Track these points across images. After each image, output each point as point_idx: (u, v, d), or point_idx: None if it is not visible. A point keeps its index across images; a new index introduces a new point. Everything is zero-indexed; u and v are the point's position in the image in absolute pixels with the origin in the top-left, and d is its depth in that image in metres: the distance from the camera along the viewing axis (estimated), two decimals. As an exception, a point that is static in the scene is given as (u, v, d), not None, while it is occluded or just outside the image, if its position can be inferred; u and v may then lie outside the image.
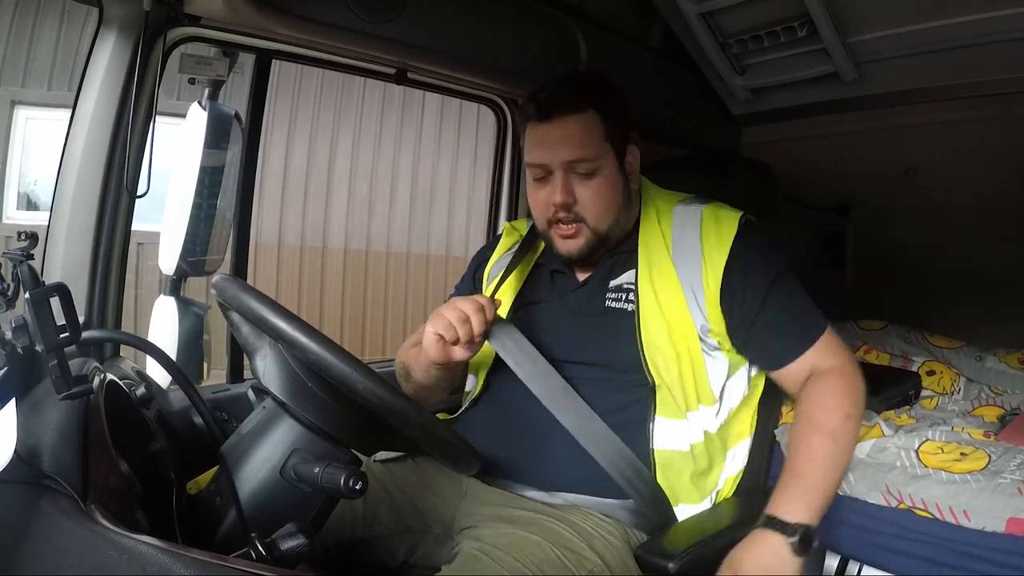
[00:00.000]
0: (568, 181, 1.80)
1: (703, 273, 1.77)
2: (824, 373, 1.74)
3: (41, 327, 1.14)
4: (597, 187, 1.80)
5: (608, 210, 1.82)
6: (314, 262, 8.86)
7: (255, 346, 1.36)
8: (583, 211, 1.80)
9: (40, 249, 1.64)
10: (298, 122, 8.58)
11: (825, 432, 1.66)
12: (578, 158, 1.78)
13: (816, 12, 2.57)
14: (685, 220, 1.85)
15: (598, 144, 1.80)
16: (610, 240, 1.86)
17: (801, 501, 1.61)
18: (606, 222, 1.83)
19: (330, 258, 8.94)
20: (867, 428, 2.29)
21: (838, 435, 1.66)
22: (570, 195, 1.79)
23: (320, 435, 1.27)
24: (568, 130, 1.79)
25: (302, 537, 1.09)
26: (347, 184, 8.95)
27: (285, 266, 8.64)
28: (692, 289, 1.77)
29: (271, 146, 8.24)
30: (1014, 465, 2.03)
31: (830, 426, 1.66)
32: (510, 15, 2.58)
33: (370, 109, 8.89)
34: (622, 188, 1.85)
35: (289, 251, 8.68)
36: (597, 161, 1.79)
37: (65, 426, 1.16)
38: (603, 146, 1.81)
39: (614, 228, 1.85)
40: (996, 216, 3.19)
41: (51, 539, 0.97)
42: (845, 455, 1.69)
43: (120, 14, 1.89)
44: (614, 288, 1.87)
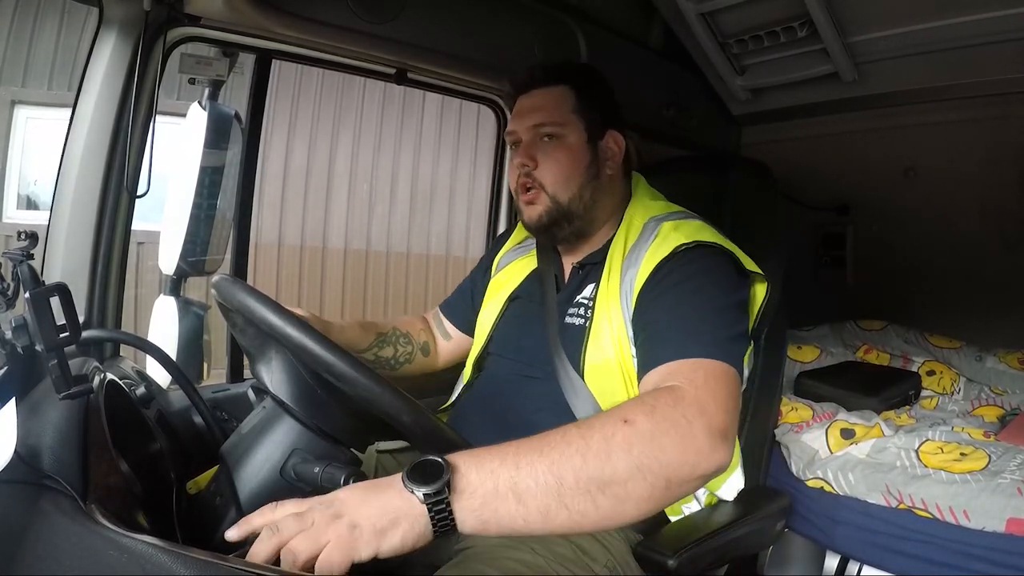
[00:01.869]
0: (531, 146, 1.86)
1: (635, 289, 1.71)
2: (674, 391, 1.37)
3: (41, 327, 1.14)
4: (556, 153, 1.83)
5: (568, 179, 1.83)
6: (314, 262, 8.85)
7: (255, 346, 1.36)
8: (542, 176, 1.83)
9: (40, 249, 1.64)
10: (298, 122, 8.58)
11: (619, 419, 1.26)
12: (541, 122, 1.84)
13: (816, 12, 2.57)
14: (644, 235, 1.79)
15: (564, 113, 1.85)
16: (573, 216, 1.85)
17: (493, 477, 1.14)
18: (566, 192, 1.83)
19: (330, 258, 8.92)
20: (867, 428, 2.29)
21: (629, 439, 1.22)
22: (531, 159, 1.84)
23: (320, 435, 1.27)
24: (539, 100, 1.88)
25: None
26: (347, 184, 8.94)
27: (285, 265, 8.63)
28: (628, 304, 1.72)
29: (271, 146, 8.25)
30: (1014, 465, 2.03)
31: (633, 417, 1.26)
32: (510, 15, 2.59)
33: (370, 109, 8.88)
34: (587, 162, 1.85)
35: (289, 251, 8.67)
36: (560, 128, 1.84)
37: (65, 426, 1.16)
38: (570, 116, 1.85)
39: (576, 202, 1.84)
40: (996, 216, 3.20)
41: (51, 539, 0.97)
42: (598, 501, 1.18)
43: (120, 14, 1.89)
44: (575, 303, 1.85)
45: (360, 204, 9.03)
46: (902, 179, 3.35)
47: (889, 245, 3.59)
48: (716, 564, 1.70)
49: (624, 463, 1.19)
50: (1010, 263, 3.18)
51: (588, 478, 1.16)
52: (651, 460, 1.20)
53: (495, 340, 1.99)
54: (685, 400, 1.33)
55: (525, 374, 1.85)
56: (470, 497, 1.11)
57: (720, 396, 1.38)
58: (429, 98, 8.57)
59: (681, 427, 1.26)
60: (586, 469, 1.16)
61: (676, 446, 1.24)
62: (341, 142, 8.86)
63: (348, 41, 2.22)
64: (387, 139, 9.00)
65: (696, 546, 1.58)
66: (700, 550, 1.58)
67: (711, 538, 1.63)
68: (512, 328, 1.95)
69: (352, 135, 8.88)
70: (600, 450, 1.18)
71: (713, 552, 1.62)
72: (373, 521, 1.05)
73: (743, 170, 2.24)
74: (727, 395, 1.40)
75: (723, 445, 1.29)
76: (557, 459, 1.16)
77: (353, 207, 9.01)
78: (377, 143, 8.99)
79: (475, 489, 1.11)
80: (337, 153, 8.88)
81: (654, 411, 1.27)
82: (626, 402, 1.35)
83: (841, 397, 2.59)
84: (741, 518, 1.71)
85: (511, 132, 1.91)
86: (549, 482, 1.14)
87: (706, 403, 1.34)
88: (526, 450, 1.17)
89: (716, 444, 1.28)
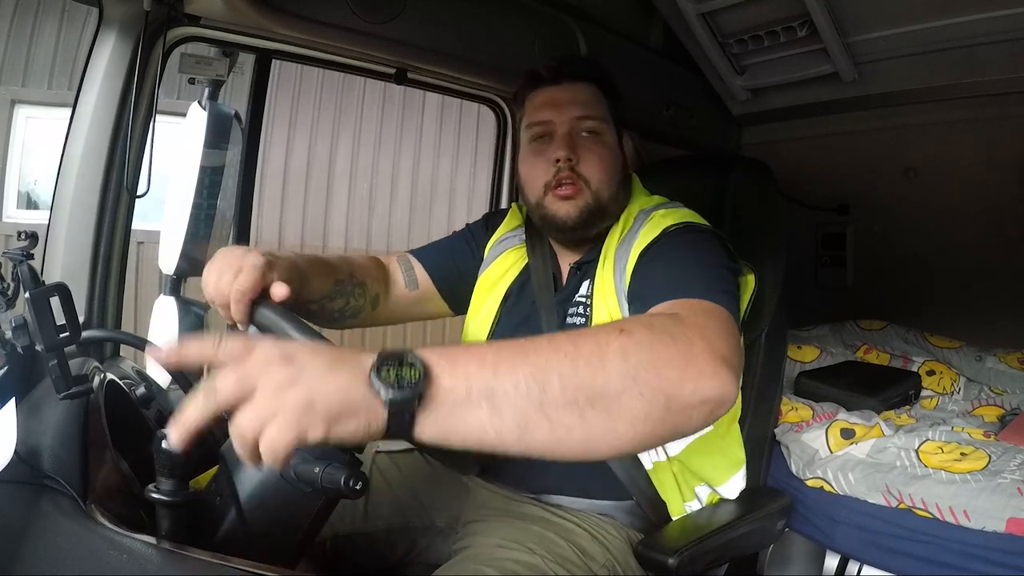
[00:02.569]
0: (572, 140, 1.78)
1: (628, 268, 1.68)
2: (671, 315, 1.28)
3: (41, 327, 1.15)
4: (600, 150, 1.79)
5: (610, 177, 1.79)
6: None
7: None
8: (586, 170, 1.76)
9: (40, 249, 1.64)
10: (298, 121, 8.58)
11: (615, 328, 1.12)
12: (586, 115, 1.79)
13: (816, 12, 2.56)
14: (635, 225, 1.78)
15: (602, 111, 1.82)
16: (607, 214, 1.80)
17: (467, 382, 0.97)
18: (607, 189, 1.78)
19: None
20: (867, 428, 2.29)
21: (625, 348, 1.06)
22: (575, 152, 1.76)
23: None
24: (576, 92, 1.81)
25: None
26: (347, 183, 8.95)
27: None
28: (622, 288, 1.69)
29: (272, 145, 8.25)
30: (1014, 465, 2.03)
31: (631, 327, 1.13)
32: (510, 15, 2.59)
33: (370, 108, 8.87)
34: (621, 162, 1.84)
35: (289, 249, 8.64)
36: (601, 123, 1.80)
37: (65, 426, 1.16)
38: (606, 114, 1.82)
39: (613, 201, 1.80)
40: (996, 216, 3.20)
41: (51, 539, 0.97)
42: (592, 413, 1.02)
43: (120, 14, 1.90)
44: (574, 303, 1.82)
45: (360, 203, 9.03)
46: (902, 179, 3.35)
47: (889, 245, 3.59)
48: (716, 563, 1.70)
49: (619, 372, 1.03)
50: (1009, 263, 3.19)
51: (577, 386, 1.00)
52: (649, 372, 1.05)
53: (496, 339, 1.93)
54: (685, 322, 1.21)
55: None
56: (438, 406, 0.94)
57: (720, 328, 1.28)
58: (429, 97, 8.57)
59: (681, 342, 1.13)
60: (575, 376, 1.00)
61: (676, 359, 1.10)
62: (341, 141, 8.86)
63: (348, 41, 2.22)
64: (387, 138, 9.00)
65: (696, 545, 1.58)
66: (700, 549, 1.58)
67: (711, 537, 1.63)
68: (513, 324, 1.90)
69: (352, 134, 8.88)
70: (593, 356, 1.03)
71: (713, 551, 1.62)
72: (330, 405, 0.89)
73: (743, 170, 2.24)
74: (728, 331, 1.30)
75: (727, 371, 1.13)
76: (543, 364, 1.00)
77: (353, 206, 9.01)
78: (377, 142, 8.98)
79: (445, 396, 0.95)
80: (337, 152, 8.87)
81: (653, 325, 1.16)
82: (629, 318, 1.31)
83: (841, 397, 2.59)
84: (741, 517, 1.71)
85: (544, 122, 1.81)
86: (531, 389, 0.98)
87: (706, 327, 1.23)
88: (508, 352, 1.01)
89: (719, 367, 1.12)
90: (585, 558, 1.56)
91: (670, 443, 1.68)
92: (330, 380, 0.91)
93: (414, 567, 1.79)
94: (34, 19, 7.27)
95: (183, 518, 1.11)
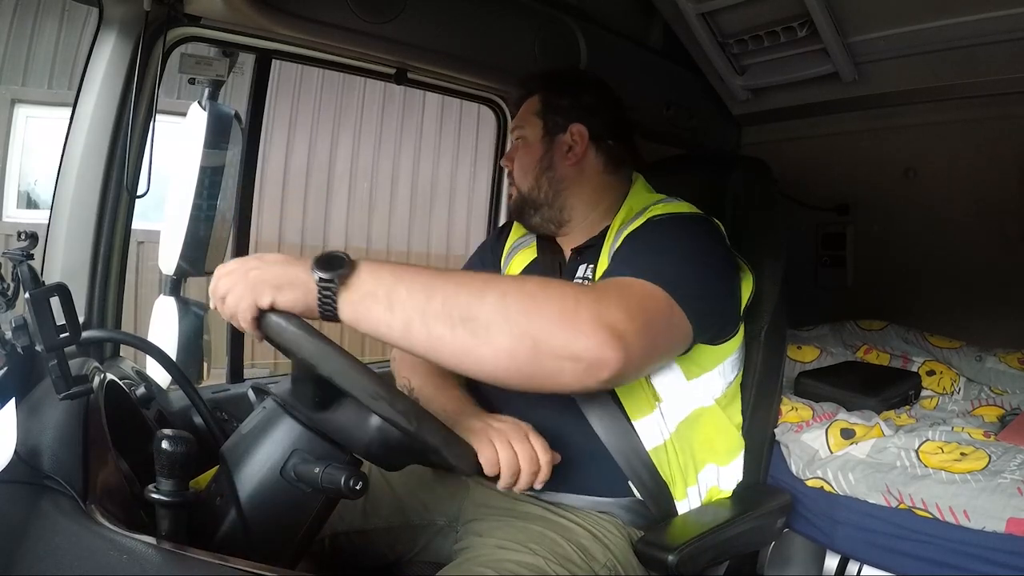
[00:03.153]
0: (511, 150, 2.08)
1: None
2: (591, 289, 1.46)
3: (41, 327, 1.15)
4: (519, 152, 2.03)
5: (526, 172, 2.00)
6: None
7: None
8: (514, 171, 2.04)
9: (40, 249, 1.64)
10: (299, 121, 8.62)
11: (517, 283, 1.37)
12: (513, 127, 2.09)
13: (816, 12, 2.57)
14: (635, 216, 1.82)
15: (527, 117, 2.03)
16: (536, 203, 1.99)
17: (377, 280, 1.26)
18: (525, 183, 2.00)
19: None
20: (867, 428, 2.29)
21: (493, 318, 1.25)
22: (509, 160, 2.07)
23: (320, 436, 1.27)
24: (522, 110, 2.07)
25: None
26: (347, 183, 9.00)
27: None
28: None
29: (272, 145, 8.29)
30: (1014, 465, 2.03)
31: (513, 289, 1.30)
32: (510, 15, 2.59)
33: (371, 108, 8.95)
34: (539, 155, 1.99)
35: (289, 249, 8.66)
36: (522, 131, 2.03)
37: (65, 426, 1.16)
38: (531, 119, 2.02)
39: (535, 191, 1.99)
40: (996, 216, 3.20)
41: (51, 539, 0.97)
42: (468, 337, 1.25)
43: (120, 14, 1.90)
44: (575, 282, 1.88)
45: (361, 202, 9.11)
46: (902, 179, 3.35)
47: (889, 245, 3.59)
48: (716, 561, 1.70)
49: (493, 306, 1.25)
50: (1010, 263, 3.18)
51: (453, 305, 1.24)
52: (522, 315, 1.25)
53: None
54: (593, 290, 1.40)
55: None
56: (353, 292, 1.24)
57: (629, 302, 1.37)
58: (430, 97, 8.60)
59: (568, 301, 1.28)
60: (456, 298, 1.25)
61: (554, 314, 1.26)
62: (342, 141, 8.93)
63: (348, 41, 2.22)
64: (387, 137, 9.09)
65: (696, 542, 1.58)
66: (700, 546, 1.58)
67: (711, 534, 1.63)
68: None
69: (352, 134, 8.95)
70: (476, 288, 1.28)
71: (713, 549, 1.62)
72: (277, 278, 1.23)
73: (743, 170, 2.24)
74: (638, 306, 1.37)
75: (607, 336, 1.26)
76: (435, 283, 1.26)
77: (354, 205, 9.08)
78: (377, 142, 9.07)
79: (359, 286, 1.24)
80: (338, 152, 8.93)
81: (548, 284, 1.33)
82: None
83: (841, 397, 2.58)
84: (741, 515, 1.71)
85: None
86: (418, 298, 1.24)
87: (609, 298, 1.34)
88: (418, 270, 1.29)
89: (598, 330, 1.25)
90: (587, 558, 1.56)
91: (668, 421, 1.73)
92: (279, 265, 1.26)
93: (414, 566, 1.79)
94: (34, 19, 7.29)
95: (183, 518, 1.11)
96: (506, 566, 1.46)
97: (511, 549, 1.51)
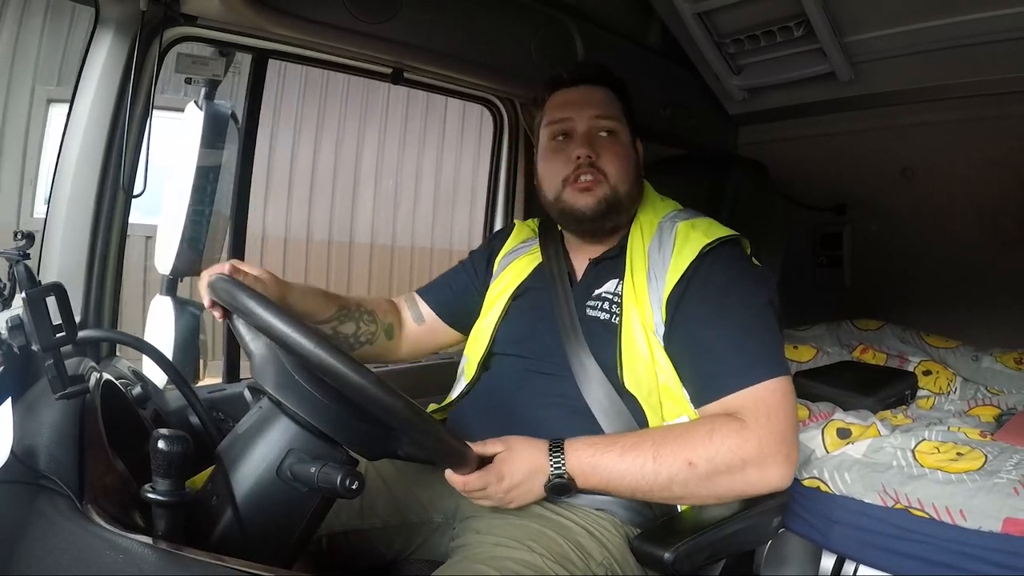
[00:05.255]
0: (591, 138, 1.90)
1: (665, 290, 1.76)
2: (737, 425, 1.59)
3: (37, 326, 1.15)
4: (616, 148, 1.91)
5: (626, 172, 1.90)
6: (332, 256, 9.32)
7: (252, 345, 1.37)
8: (605, 165, 1.87)
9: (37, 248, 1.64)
10: (325, 123, 8.86)
11: (685, 460, 1.56)
12: (603, 114, 1.92)
13: (812, 12, 2.57)
14: (663, 236, 1.86)
15: (617, 113, 1.95)
16: (623, 208, 1.91)
17: (591, 465, 1.58)
18: (625, 184, 1.89)
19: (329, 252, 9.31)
20: (863, 428, 2.29)
21: (687, 479, 1.56)
22: (594, 150, 1.87)
23: (316, 435, 1.27)
24: (593, 95, 1.95)
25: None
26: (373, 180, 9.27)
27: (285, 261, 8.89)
28: (659, 307, 1.77)
29: (299, 146, 8.72)
30: (1011, 465, 2.03)
31: (697, 461, 1.56)
32: (507, 14, 2.59)
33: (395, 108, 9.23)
34: (635, 161, 1.96)
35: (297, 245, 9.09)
36: (617, 124, 1.93)
37: (61, 426, 1.16)
38: (621, 117, 1.95)
39: (628, 196, 1.91)
40: (993, 216, 3.20)
41: (47, 539, 0.97)
42: (664, 492, 1.59)
43: (116, 13, 1.90)
44: (598, 297, 1.88)
45: (386, 200, 9.47)
46: (899, 179, 3.35)
47: (886, 245, 3.59)
48: (712, 559, 1.69)
49: (680, 493, 1.60)
50: (1007, 263, 3.19)
51: (650, 493, 1.59)
52: (704, 493, 1.60)
53: (500, 338, 1.98)
54: (748, 443, 1.56)
55: (534, 369, 1.85)
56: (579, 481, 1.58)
57: (780, 424, 1.59)
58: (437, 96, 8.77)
59: (735, 471, 1.55)
60: (651, 493, 1.59)
61: (727, 484, 1.57)
62: (367, 140, 9.31)
63: (344, 41, 2.22)
64: (389, 135, 9.23)
65: (693, 540, 1.58)
66: (697, 544, 1.58)
67: (708, 532, 1.62)
68: (519, 324, 1.96)
69: (377, 132, 9.32)
70: (664, 483, 1.56)
71: (710, 547, 1.62)
72: (533, 493, 1.57)
73: (741, 169, 2.25)
74: (786, 417, 1.60)
75: (779, 468, 1.58)
76: (635, 480, 1.56)
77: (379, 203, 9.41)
78: (402, 141, 9.42)
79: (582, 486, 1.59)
80: (364, 151, 9.21)
81: (716, 456, 1.55)
82: (695, 431, 1.59)
83: (837, 397, 2.59)
84: (737, 513, 1.71)
85: (563, 120, 1.93)
86: (625, 489, 1.59)
87: (766, 442, 1.56)
88: (624, 460, 1.57)
89: (765, 476, 1.58)
90: (584, 556, 1.56)
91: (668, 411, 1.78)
92: (528, 492, 1.57)
93: (411, 564, 1.79)
94: (70, 18, 7.32)
95: (179, 518, 1.11)
96: (504, 564, 1.46)
97: (509, 547, 1.51)
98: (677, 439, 1.57)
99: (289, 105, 8.65)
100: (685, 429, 1.61)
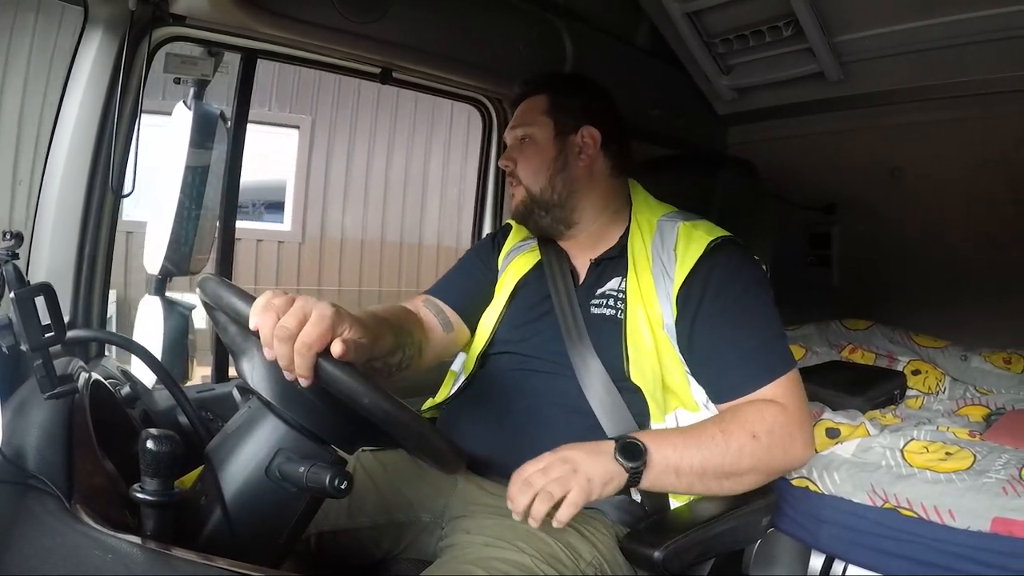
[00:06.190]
0: (513, 149, 2.05)
1: (674, 286, 1.81)
2: (779, 407, 1.71)
3: (26, 327, 1.15)
4: (527, 151, 2.01)
5: (536, 172, 1.99)
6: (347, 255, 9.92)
7: (241, 346, 1.36)
8: (520, 172, 2.01)
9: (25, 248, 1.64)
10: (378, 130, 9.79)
11: (749, 433, 1.66)
12: (522, 122, 2.04)
13: (801, 12, 2.58)
14: (664, 235, 1.89)
15: (535, 116, 2.02)
16: (548, 204, 1.99)
17: (662, 435, 1.68)
18: (536, 183, 1.98)
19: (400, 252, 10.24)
20: (852, 428, 2.30)
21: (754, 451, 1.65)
22: (511, 160, 2.03)
23: (305, 434, 1.26)
24: (520, 110, 2.08)
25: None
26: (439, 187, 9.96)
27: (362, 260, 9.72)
28: (668, 303, 1.81)
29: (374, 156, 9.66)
30: (999, 464, 2.04)
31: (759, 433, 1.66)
32: (496, 14, 2.59)
33: (459, 118, 9.84)
34: (553, 155, 1.99)
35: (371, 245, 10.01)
36: (530, 128, 2.02)
37: (50, 426, 1.16)
38: (540, 118, 2.01)
39: (547, 192, 1.98)
40: (982, 216, 3.21)
41: (36, 539, 0.97)
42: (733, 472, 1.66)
43: (105, 13, 1.89)
44: (601, 295, 1.90)
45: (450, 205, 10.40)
46: (888, 179, 3.36)
47: (875, 244, 3.60)
48: (702, 558, 1.70)
49: (747, 466, 1.65)
50: (995, 263, 3.20)
51: (722, 471, 1.64)
52: (764, 464, 1.68)
53: (499, 336, 1.99)
54: (792, 420, 1.69)
55: (532, 368, 1.87)
56: (651, 470, 1.59)
57: (805, 405, 1.75)
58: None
59: (786, 443, 1.68)
60: (723, 467, 1.63)
61: (783, 456, 1.69)
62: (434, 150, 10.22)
63: (334, 41, 2.22)
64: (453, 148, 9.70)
65: (682, 539, 1.58)
66: (686, 543, 1.58)
67: (696, 531, 1.63)
68: (518, 323, 1.97)
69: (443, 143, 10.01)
70: (735, 456, 1.63)
71: (699, 546, 1.63)
72: (599, 476, 1.52)
73: (730, 169, 2.26)
74: (805, 401, 1.76)
75: (809, 447, 1.73)
76: (706, 456, 1.62)
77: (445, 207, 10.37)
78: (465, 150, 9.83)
79: (654, 466, 1.59)
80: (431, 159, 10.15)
81: (772, 430, 1.66)
82: (745, 411, 1.69)
83: (826, 396, 2.59)
84: (726, 512, 1.71)
85: (504, 141, 2.11)
86: (695, 469, 1.62)
87: (803, 419, 1.72)
88: (686, 441, 1.64)
89: (806, 449, 1.72)
90: (573, 555, 1.56)
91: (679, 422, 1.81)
92: (595, 462, 1.54)
93: (399, 563, 1.78)
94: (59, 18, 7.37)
95: (168, 518, 1.11)
96: (493, 564, 1.46)
97: (498, 547, 1.51)
98: (735, 418, 1.68)
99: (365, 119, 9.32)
100: (735, 410, 1.71)
